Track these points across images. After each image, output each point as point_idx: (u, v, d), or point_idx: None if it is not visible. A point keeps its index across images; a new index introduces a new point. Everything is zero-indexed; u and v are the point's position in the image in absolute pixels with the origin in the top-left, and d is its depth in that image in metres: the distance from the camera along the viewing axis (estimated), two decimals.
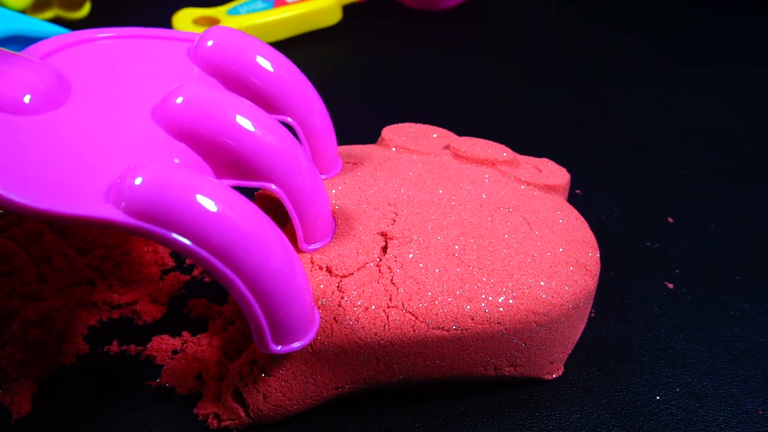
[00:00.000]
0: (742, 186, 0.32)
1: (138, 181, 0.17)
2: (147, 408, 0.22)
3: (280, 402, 0.21)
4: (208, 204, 0.17)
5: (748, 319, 0.26)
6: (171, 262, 0.27)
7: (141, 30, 0.23)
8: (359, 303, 0.21)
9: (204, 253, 0.17)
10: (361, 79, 0.40)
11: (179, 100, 0.19)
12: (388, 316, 0.20)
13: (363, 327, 0.20)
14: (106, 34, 0.22)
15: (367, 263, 0.22)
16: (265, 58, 0.22)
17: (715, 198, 0.32)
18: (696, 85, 0.40)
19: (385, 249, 0.22)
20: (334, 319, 0.20)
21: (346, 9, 0.43)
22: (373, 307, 0.21)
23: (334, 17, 0.42)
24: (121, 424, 0.22)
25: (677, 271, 0.28)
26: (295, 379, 0.21)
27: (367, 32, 0.43)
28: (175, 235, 0.17)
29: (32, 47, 0.21)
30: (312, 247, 0.22)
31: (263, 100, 0.22)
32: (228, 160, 0.19)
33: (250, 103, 0.20)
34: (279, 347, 0.19)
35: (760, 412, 0.23)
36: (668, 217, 0.30)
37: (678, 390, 0.23)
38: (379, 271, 0.21)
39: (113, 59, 0.21)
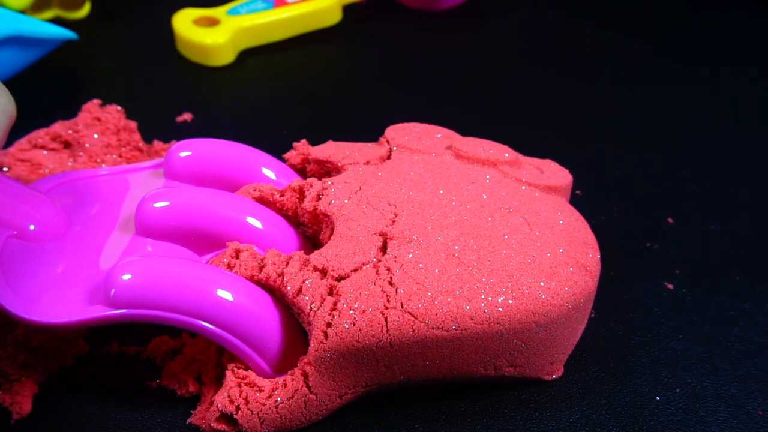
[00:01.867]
0: (741, 186, 0.32)
1: (126, 276, 0.20)
2: (147, 409, 0.22)
3: (280, 424, 0.21)
4: (190, 280, 0.20)
5: (748, 319, 0.26)
6: None
7: (130, 166, 0.27)
8: (356, 306, 0.20)
9: (199, 324, 0.20)
10: (361, 79, 0.40)
11: (157, 204, 0.23)
12: (386, 318, 0.20)
13: (360, 330, 0.20)
14: (104, 172, 0.27)
15: (365, 264, 0.22)
16: (227, 151, 0.26)
17: (715, 198, 0.32)
18: (696, 85, 0.40)
19: (384, 249, 0.22)
20: (328, 324, 0.20)
21: (346, 9, 0.43)
22: (371, 309, 0.20)
23: (334, 17, 0.42)
24: (121, 425, 0.22)
25: (677, 272, 0.28)
26: (292, 398, 0.21)
27: (367, 32, 0.43)
28: (168, 314, 0.20)
29: (41, 181, 0.26)
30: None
31: (234, 182, 0.26)
32: (206, 242, 0.23)
33: (214, 189, 0.24)
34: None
35: (760, 412, 0.23)
36: (668, 218, 0.30)
37: (678, 390, 0.23)
38: (377, 272, 0.21)
39: (106, 190, 0.26)
